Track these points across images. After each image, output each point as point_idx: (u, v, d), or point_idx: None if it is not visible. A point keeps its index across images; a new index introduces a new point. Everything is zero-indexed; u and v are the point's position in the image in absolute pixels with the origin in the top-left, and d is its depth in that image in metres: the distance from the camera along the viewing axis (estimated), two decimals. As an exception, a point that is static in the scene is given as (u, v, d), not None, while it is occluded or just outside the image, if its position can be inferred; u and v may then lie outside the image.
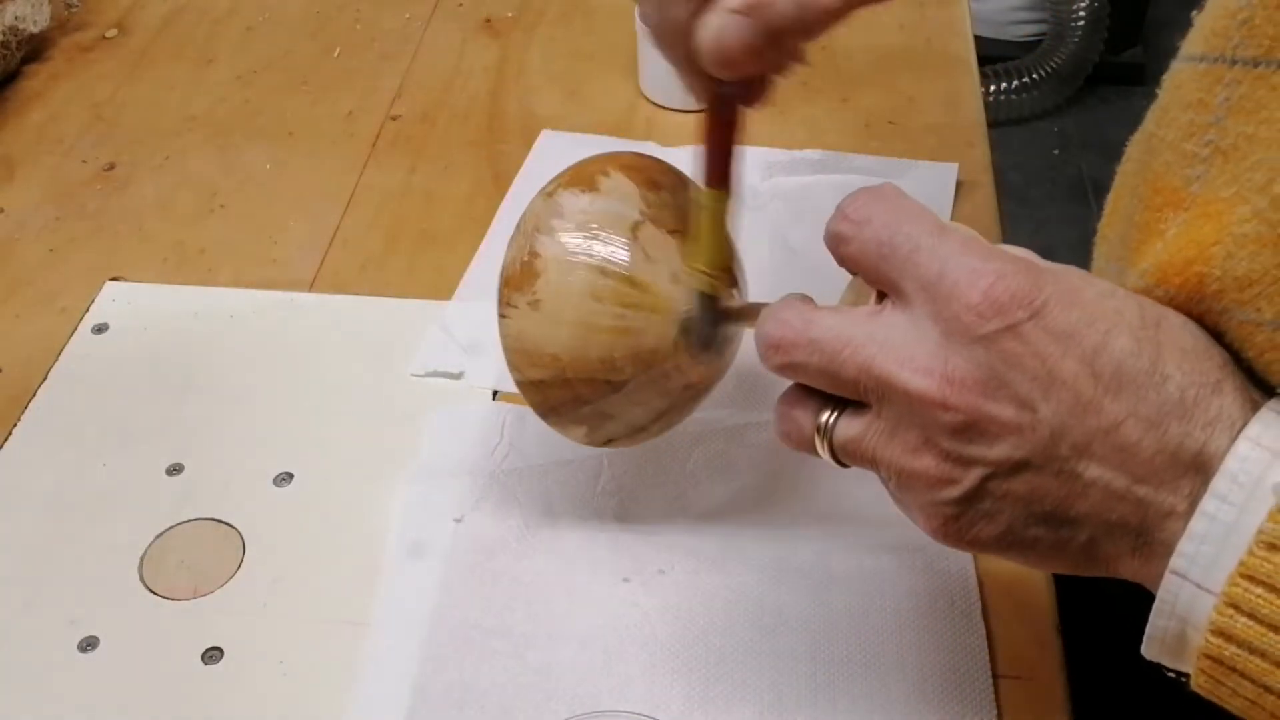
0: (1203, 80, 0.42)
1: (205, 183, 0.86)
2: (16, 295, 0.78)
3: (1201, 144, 0.42)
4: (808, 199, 0.83)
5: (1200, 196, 0.42)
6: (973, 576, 0.60)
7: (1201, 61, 0.43)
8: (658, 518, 0.64)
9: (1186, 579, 0.38)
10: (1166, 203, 0.44)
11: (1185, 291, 0.41)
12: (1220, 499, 0.37)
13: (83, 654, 0.59)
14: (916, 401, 0.40)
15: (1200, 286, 0.40)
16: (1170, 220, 0.43)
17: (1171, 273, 0.42)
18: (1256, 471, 0.36)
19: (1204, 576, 0.37)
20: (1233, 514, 0.36)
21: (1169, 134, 0.44)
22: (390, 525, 0.64)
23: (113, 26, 1.01)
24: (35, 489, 0.66)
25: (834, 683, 0.57)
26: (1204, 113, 0.42)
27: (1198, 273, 0.40)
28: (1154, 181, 0.45)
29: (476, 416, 0.69)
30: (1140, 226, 0.45)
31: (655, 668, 0.58)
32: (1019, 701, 0.56)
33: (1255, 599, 0.36)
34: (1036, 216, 2.14)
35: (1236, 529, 0.36)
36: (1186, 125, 0.43)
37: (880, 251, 0.41)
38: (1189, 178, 0.42)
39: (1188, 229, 0.42)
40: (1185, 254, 0.41)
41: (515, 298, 0.54)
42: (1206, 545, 0.37)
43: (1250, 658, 0.37)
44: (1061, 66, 2.31)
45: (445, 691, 0.57)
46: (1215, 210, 0.40)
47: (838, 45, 0.95)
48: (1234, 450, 0.37)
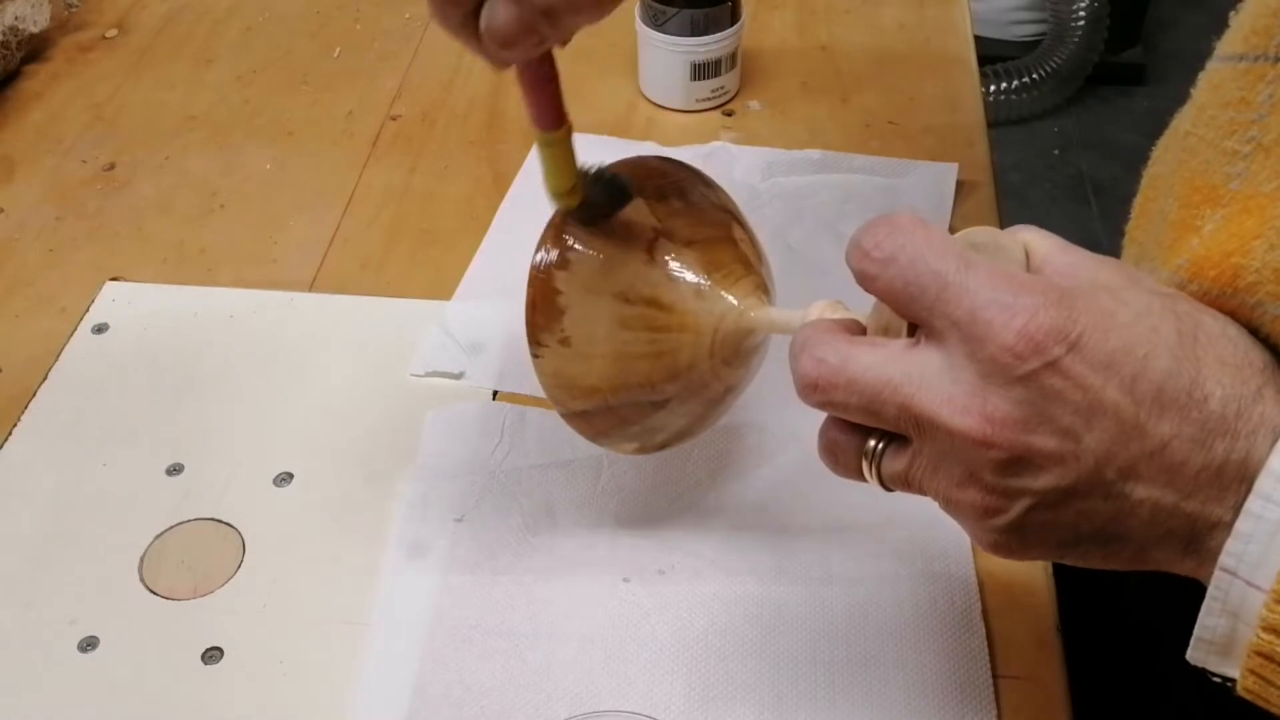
0: (1244, 79, 0.43)
1: (205, 183, 0.86)
2: (16, 295, 0.78)
3: (1243, 141, 0.42)
4: (808, 199, 0.83)
5: (1240, 193, 0.42)
6: (973, 577, 0.60)
7: (1242, 60, 0.43)
8: (658, 518, 0.64)
9: (1236, 576, 0.38)
10: (1204, 200, 0.44)
11: (1219, 285, 0.41)
12: (1265, 498, 0.37)
13: (83, 654, 0.59)
14: (959, 440, 0.40)
15: (1235, 279, 0.41)
16: (1207, 217, 0.44)
17: (1208, 266, 0.42)
18: None
19: (1252, 573, 0.37)
20: (1278, 512, 0.36)
21: (1208, 133, 0.45)
22: (390, 525, 0.64)
23: (113, 26, 1.01)
24: (35, 489, 0.66)
25: (834, 683, 0.57)
26: (1246, 110, 0.42)
27: (1235, 264, 0.41)
28: (1191, 180, 0.45)
29: (476, 416, 0.69)
30: (1175, 224, 0.46)
31: (655, 668, 0.58)
32: (1019, 701, 0.56)
33: None
34: (1036, 216, 2.13)
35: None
36: (1227, 123, 0.43)
37: (909, 291, 0.40)
38: (1229, 175, 0.43)
39: (1227, 224, 0.42)
40: (1224, 247, 0.41)
41: (544, 337, 0.54)
42: (1254, 544, 0.37)
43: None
44: (1061, 66, 2.31)
45: (445, 691, 0.57)
46: (1257, 205, 0.41)
47: (838, 45, 0.95)
48: (1277, 449, 0.37)
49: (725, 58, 0.88)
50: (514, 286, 0.77)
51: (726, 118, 0.90)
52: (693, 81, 0.88)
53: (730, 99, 0.91)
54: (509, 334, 0.73)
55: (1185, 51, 2.37)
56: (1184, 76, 0.50)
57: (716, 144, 0.87)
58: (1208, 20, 0.50)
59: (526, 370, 0.71)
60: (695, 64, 0.87)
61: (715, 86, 0.89)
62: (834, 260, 0.78)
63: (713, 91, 0.89)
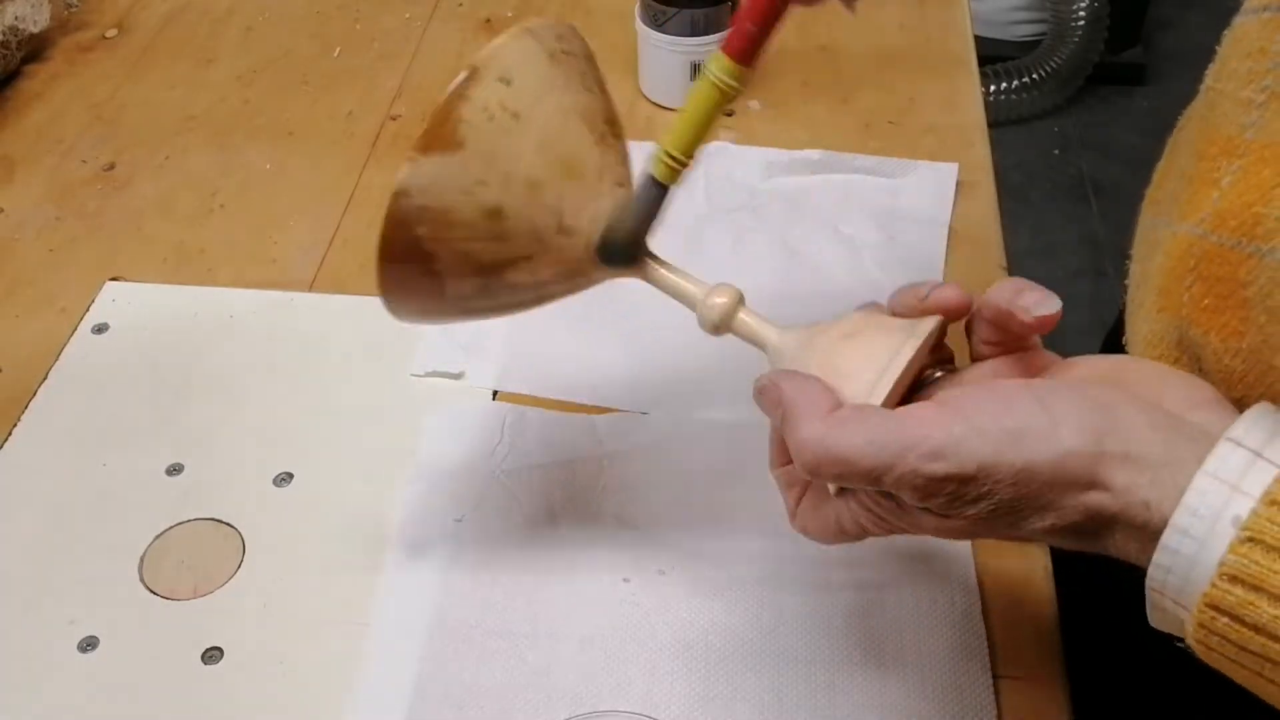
0: (1265, 29, 0.43)
1: (205, 183, 0.86)
2: (16, 295, 0.78)
3: (1259, 90, 0.43)
4: (808, 199, 0.83)
5: (1256, 142, 0.42)
6: (973, 576, 0.60)
7: (1265, 11, 0.43)
8: (658, 518, 0.64)
9: (1165, 595, 0.39)
10: (1221, 151, 0.44)
11: (1238, 235, 0.42)
12: (1181, 532, 0.38)
13: (83, 654, 0.59)
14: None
15: (1254, 227, 0.41)
16: (1225, 169, 0.44)
17: (1229, 216, 0.43)
18: (1216, 505, 0.37)
19: (1178, 596, 0.39)
20: (1193, 547, 0.38)
21: (1228, 85, 0.45)
22: (390, 525, 0.64)
23: (113, 26, 1.01)
24: (35, 489, 0.66)
25: (834, 683, 0.57)
26: (1263, 60, 0.43)
27: (1255, 214, 0.41)
28: (1209, 133, 0.46)
29: (476, 416, 0.69)
30: (1193, 179, 0.46)
31: (655, 668, 0.58)
32: (1019, 701, 0.56)
33: (1222, 626, 0.37)
34: (1036, 216, 2.14)
35: (1199, 562, 0.38)
36: (1245, 74, 0.44)
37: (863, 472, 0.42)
38: (1244, 125, 0.43)
39: (1245, 175, 0.43)
40: (1245, 198, 0.42)
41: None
42: (1173, 575, 0.38)
43: (1233, 665, 0.38)
44: (1061, 66, 2.31)
45: (445, 691, 0.57)
46: (1274, 154, 0.41)
47: (838, 45, 0.95)
48: (1193, 485, 0.38)
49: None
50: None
51: (726, 118, 0.90)
52: (693, 81, 0.88)
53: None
54: (509, 334, 0.73)
55: (1185, 51, 2.37)
56: (1184, 76, 0.50)
57: (716, 144, 0.87)
58: (1208, 20, 0.51)
59: (526, 370, 0.72)
60: (695, 64, 0.87)
61: (715, 86, 0.89)
62: (833, 260, 0.79)
63: (713, 91, 0.89)
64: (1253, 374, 0.43)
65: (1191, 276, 0.45)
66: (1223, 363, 0.44)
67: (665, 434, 0.68)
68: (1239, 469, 0.37)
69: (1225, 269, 0.43)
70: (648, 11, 0.87)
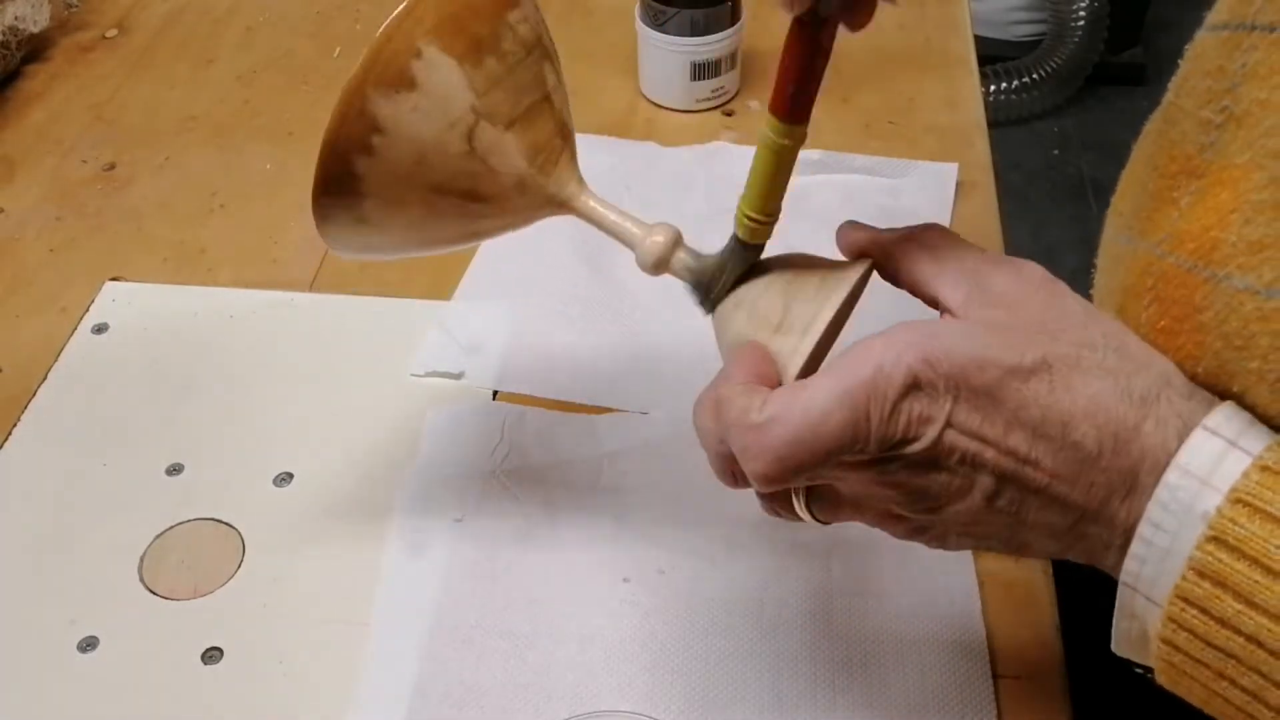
0: (1223, 47, 0.43)
1: (205, 183, 0.86)
2: (16, 295, 0.78)
3: (1217, 110, 0.42)
4: (808, 199, 0.83)
5: (1214, 164, 0.42)
6: (973, 576, 0.60)
7: (1224, 29, 0.43)
8: (658, 518, 0.64)
9: (1136, 590, 0.40)
10: (1181, 170, 0.44)
11: (1195, 257, 0.42)
12: (1155, 525, 0.38)
13: (83, 654, 0.59)
14: None
15: (1211, 251, 0.41)
16: (1184, 188, 0.44)
17: (1187, 239, 0.42)
18: (1186, 499, 0.38)
19: (1150, 591, 0.39)
20: (1166, 540, 0.38)
21: (1187, 102, 0.45)
22: (390, 525, 0.64)
23: (113, 26, 1.01)
24: (35, 489, 0.66)
25: (834, 683, 0.57)
26: (1222, 79, 0.42)
27: (1213, 238, 0.41)
28: (1169, 149, 0.45)
29: (476, 416, 0.69)
30: (1154, 195, 0.46)
31: (655, 668, 0.58)
32: (1019, 701, 0.56)
33: (1192, 619, 0.38)
34: (1036, 216, 2.14)
35: (1171, 553, 0.38)
36: (1205, 92, 0.43)
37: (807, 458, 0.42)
38: (1203, 144, 0.43)
39: (1203, 196, 0.42)
40: (1203, 221, 0.42)
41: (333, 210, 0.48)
42: (1147, 566, 0.39)
43: (1196, 667, 0.39)
44: (1061, 66, 2.31)
45: (445, 691, 0.57)
46: (1230, 177, 0.41)
47: (838, 45, 0.95)
48: (1164, 480, 0.38)
49: (725, 58, 0.88)
50: (514, 287, 0.77)
51: (726, 118, 0.90)
52: (693, 81, 0.88)
53: (730, 99, 0.91)
54: (509, 334, 0.73)
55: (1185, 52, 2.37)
56: (1184, 76, 0.50)
57: (716, 144, 0.87)
58: (1208, 20, 0.50)
59: (526, 370, 0.72)
60: (695, 64, 0.87)
61: (715, 86, 0.89)
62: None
63: (713, 91, 0.89)
64: None
65: (1149, 296, 0.44)
66: None
67: (665, 434, 0.68)
68: (1211, 461, 0.38)
69: (1182, 292, 0.43)
70: (648, 11, 0.87)
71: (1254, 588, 0.36)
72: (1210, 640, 0.38)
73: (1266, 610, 0.36)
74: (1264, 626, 0.36)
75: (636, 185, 0.83)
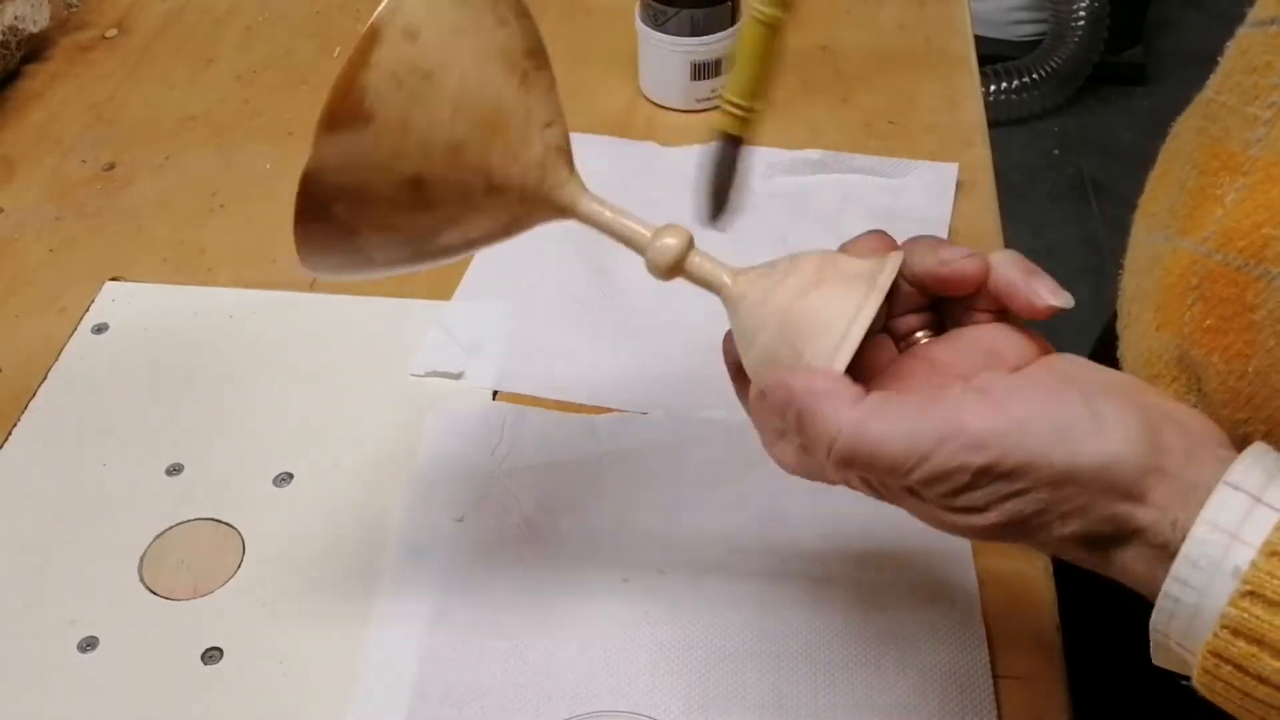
0: (1272, 43, 0.42)
1: (205, 183, 0.86)
2: (16, 295, 0.78)
3: (1265, 106, 0.42)
4: (808, 199, 0.83)
5: (1261, 160, 0.42)
6: (973, 576, 0.60)
7: (1272, 25, 0.42)
8: (658, 518, 0.64)
9: (1169, 638, 0.39)
10: (1224, 167, 0.43)
11: (1246, 256, 0.41)
12: (1182, 583, 0.38)
13: (83, 654, 0.59)
14: None
15: (1263, 249, 0.41)
16: (1228, 185, 0.43)
17: (1237, 237, 0.42)
18: (1216, 555, 0.37)
19: (1182, 640, 0.39)
20: (1195, 596, 0.37)
21: (1231, 99, 0.44)
22: (390, 525, 0.64)
23: (113, 26, 1.01)
24: (35, 489, 0.66)
25: (834, 683, 0.57)
26: (1269, 75, 0.42)
27: (1264, 235, 0.41)
28: (1211, 147, 0.45)
29: (476, 416, 0.69)
30: (1194, 193, 0.45)
31: (655, 668, 0.58)
32: (1019, 701, 0.56)
33: (1227, 673, 0.37)
34: (1036, 216, 2.14)
35: (1201, 611, 0.37)
36: (1250, 89, 0.43)
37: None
38: (1249, 141, 0.42)
39: (1252, 193, 0.42)
40: (1254, 218, 0.41)
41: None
42: (1176, 620, 0.38)
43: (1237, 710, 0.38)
44: (1061, 66, 2.31)
45: (445, 691, 0.57)
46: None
47: (838, 45, 0.95)
48: (1192, 535, 0.37)
49: (725, 58, 0.88)
50: (514, 287, 0.77)
51: (726, 118, 0.90)
52: (693, 81, 0.88)
53: (730, 99, 0.91)
54: (509, 334, 0.73)
55: (1185, 51, 2.37)
56: (1184, 76, 0.50)
57: (716, 144, 0.87)
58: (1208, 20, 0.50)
59: (526, 370, 0.72)
60: (695, 64, 0.87)
61: (715, 86, 0.89)
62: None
63: (713, 91, 0.89)
64: (1259, 396, 0.42)
65: (1193, 295, 0.44)
66: (1226, 384, 0.43)
67: (665, 434, 0.68)
68: (1239, 516, 0.37)
69: (1231, 290, 0.42)
70: (648, 11, 0.87)
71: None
72: (1250, 693, 0.37)
73: None
74: None
75: (636, 185, 0.83)
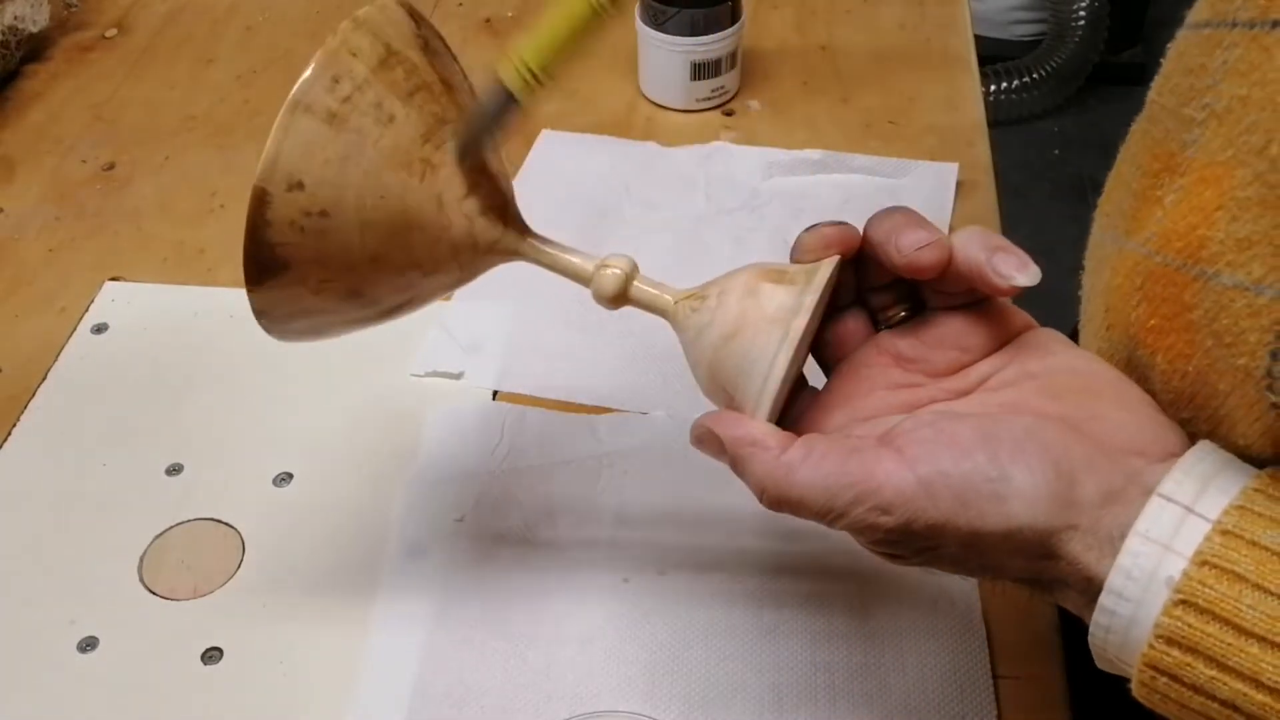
0: (1204, 45, 0.43)
1: (205, 183, 0.86)
2: (16, 295, 0.78)
3: (1199, 108, 0.42)
4: (808, 199, 0.83)
5: (1196, 160, 0.42)
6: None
7: (1206, 27, 0.43)
8: (658, 518, 0.64)
9: (1106, 652, 0.40)
10: (1164, 168, 0.44)
11: (1183, 256, 0.42)
12: (1117, 595, 0.38)
13: (83, 654, 0.59)
14: None
15: (1200, 249, 0.41)
16: (1168, 186, 0.44)
17: (1174, 237, 0.42)
18: (1149, 566, 0.38)
19: (1119, 654, 0.40)
20: (1129, 609, 0.38)
21: (1169, 100, 0.45)
22: (390, 525, 0.64)
23: (113, 26, 1.01)
24: (35, 489, 0.66)
25: (834, 683, 0.57)
26: (1203, 77, 0.42)
27: (1200, 236, 0.41)
28: (1153, 148, 0.45)
29: (476, 416, 0.69)
30: (1138, 194, 0.46)
31: (655, 668, 0.58)
32: (1019, 701, 0.56)
33: (1163, 685, 0.38)
34: (1036, 216, 2.14)
35: (1136, 622, 0.38)
36: (1186, 90, 0.43)
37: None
38: (1186, 142, 0.43)
39: (1188, 195, 0.42)
40: (1189, 219, 0.42)
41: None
42: (1112, 635, 0.39)
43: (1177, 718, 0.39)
44: (1061, 66, 2.31)
45: (445, 691, 0.57)
46: (1214, 175, 0.41)
47: (838, 45, 0.95)
48: (1125, 547, 0.38)
49: (725, 58, 0.88)
50: (514, 287, 0.77)
51: (726, 118, 0.90)
52: (693, 81, 0.88)
53: (730, 99, 0.91)
54: (509, 334, 0.73)
55: (1185, 51, 2.37)
56: (1184, 76, 0.50)
57: (716, 144, 0.87)
58: (1208, 20, 0.50)
59: (526, 370, 0.72)
60: (695, 64, 0.87)
61: (715, 86, 0.89)
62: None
63: (713, 91, 0.89)
64: (1200, 395, 0.42)
65: (1138, 296, 0.44)
66: (1170, 384, 0.43)
67: (665, 434, 0.68)
68: (1170, 527, 0.38)
69: (1171, 290, 0.42)
70: (648, 11, 0.87)
71: (1226, 650, 0.36)
72: (1186, 704, 0.38)
73: (1240, 673, 0.36)
74: (1239, 691, 0.36)
75: (636, 185, 0.83)
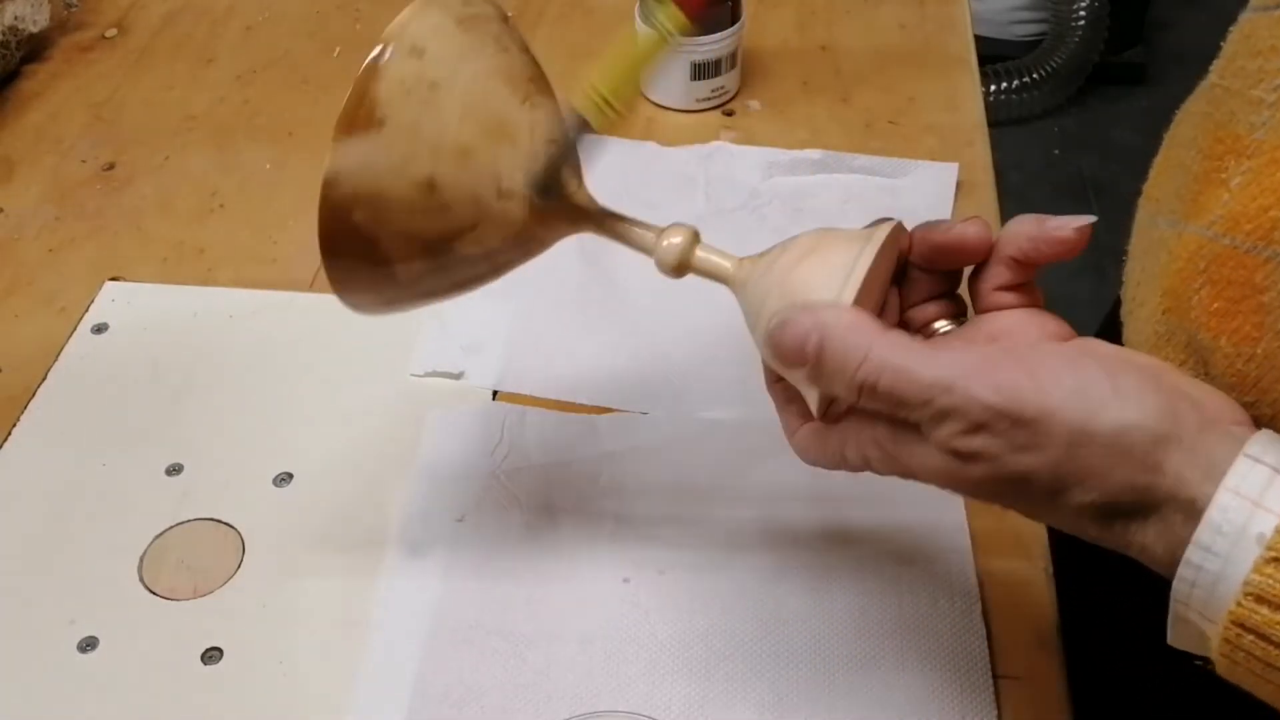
0: (1276, 27, 0.43)
1: (205, 183, 0.86)
2: (16, 295, 0.78)
3: (1270, 89, 0.42)
4: (808, 199, 0.83)
5: (1267, 143, 0.42)
6: (973, 576, 0.60)
7: (1276, 9, 0.43)
8: (658, 518, 0.64)
9: (1190, 608, 0.39)
10: (1228, 151, 0.44)
11: (1254, 239, 0.42)
12: (1205, 549, 0.38)
13: (83, 654, 0.59)
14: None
15: (1271, 231, 0.41)
16: (1233, 169, 0.44)
17: (1243, 220, 0.42)
18: (1239, 521, 0.37)
19: (1204, 610, 0.39)
20: (1218, 563, 0.38)
21: (1235, 83, 0.45)
22: (390, 525, 0.64)
23: (113, 26, 1.01)
24: (35, 489, 0.66)
25: (834, 683, 0.57)
26: (1273, 58, 0.42)
27: (1272, 218, 0.41)
28: (1215, 131, 0.45)
29: (476, 416, 0.69)
30: (1199, 177, 0.46)
31: (655, 668, 0.58)
32: (1019, 701, 0.56)
33: (1249, 643, 0.37)
34: (1036, 216, 2.14)
35: (1224, 577, 0.38)
36: (1255, 72, 0.43)
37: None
38: (1254, 124, 0.43)
39: (1258, 176, 0.42)
40: (1260, 201, 0.42)
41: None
42: (1198, 589, 0.38)
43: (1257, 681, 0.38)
44: (1061, 66, 2.31)
45: (445, 691, 0.57)
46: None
47: (838, 45, 0.95)
48: (1215, 501, 0.38)
49: (725, 58, 0.88)
50: (514, 287, 0.77)
51: (726, 118, 0.90)
52: (693, 81, 0.88)
53: (730, 99, 0.91)
54: (509, 334, 0.73)
55: (1185, 51, 2.37)
56: (1184, 76, 0.50)
57: (716, 144, 0.87)
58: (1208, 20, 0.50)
59: (526, 370, 0.72)
60: (695, 64, 0.87)
61: (715, 86, 0.89)
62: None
63: (713, 91, 0.89)
64: (1267, 379, 0.42)
65: (1201, 279, 0.44)
66: (1234, 367, 0.43)
67: (665, 434, 0.68)
68: (1260, 484, 0.37)
69: (1240, 273, 0.42)
70: (648, 11, 0.87)
71: None
72: (1272, 662, 0.37)
73: None
74: None
75: (636, 185, 0.83)
